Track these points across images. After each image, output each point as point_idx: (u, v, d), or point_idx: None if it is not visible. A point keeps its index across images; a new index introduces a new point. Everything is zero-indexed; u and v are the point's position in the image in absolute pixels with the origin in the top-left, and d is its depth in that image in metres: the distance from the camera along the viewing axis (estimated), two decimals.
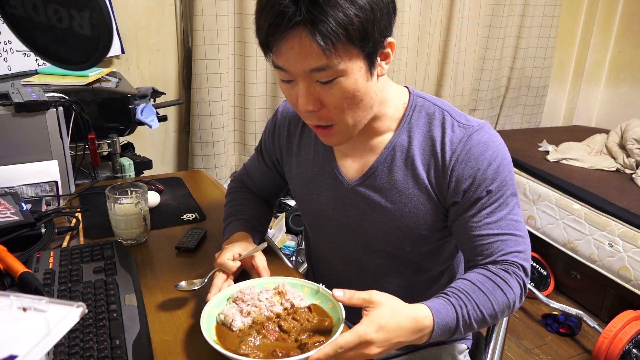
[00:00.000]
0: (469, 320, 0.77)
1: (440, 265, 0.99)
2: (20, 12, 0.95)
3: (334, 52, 0.70)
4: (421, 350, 1.02)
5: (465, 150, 0.82)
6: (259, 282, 0.86)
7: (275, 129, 1.04)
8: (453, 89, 2.87)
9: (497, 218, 0.83)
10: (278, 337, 0.74)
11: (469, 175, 0.82)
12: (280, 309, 0.80)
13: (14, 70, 1.72)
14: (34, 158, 1.18)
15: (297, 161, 1.00)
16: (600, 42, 3.27)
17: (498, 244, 0.82)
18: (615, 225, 2.08)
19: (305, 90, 0.75)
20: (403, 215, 0.88)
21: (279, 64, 0.75)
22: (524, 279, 0.83)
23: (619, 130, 2.64)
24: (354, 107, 0.78)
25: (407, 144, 0.87)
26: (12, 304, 0.51)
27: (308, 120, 0.81)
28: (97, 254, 0.96)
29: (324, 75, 0.73)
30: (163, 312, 0.84)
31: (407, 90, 0.91)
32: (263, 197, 1.13)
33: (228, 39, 2.20)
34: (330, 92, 0.75)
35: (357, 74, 0.75)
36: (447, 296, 0.78)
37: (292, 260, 2.26)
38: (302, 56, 0.71)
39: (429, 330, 0.74)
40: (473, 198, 0.83)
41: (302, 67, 0.73)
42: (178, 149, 2.42)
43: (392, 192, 0.88)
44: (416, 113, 0.88)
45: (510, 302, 0.81)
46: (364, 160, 0.91)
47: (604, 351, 1.80)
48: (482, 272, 0.82)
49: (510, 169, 0.85)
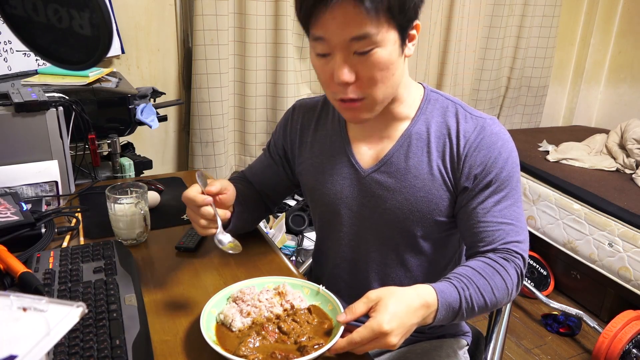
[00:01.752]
0: (471, 303, 0.79)
1: (445, 258, 1.00)
2: (20, 12, 0.95)
3: (375, 21, 0.75)
4: (422, 343, 1.03)
5: (479, 139, 0.88)
6: (259, 282, 0.87)
7: (288, 123, 1.07)
8: (453, 89, 2.87)
9: (502, 207, 0.87)
10: (277, 338, 0.74)
11: (480, 162, 0.87)
12: (280, 310, 0.80)
13: (14, 70, 1.72)
14: (34, 158, 1.18)
15: (310, 152, 1.02)
16: (600, 42, 3.27)
17: (500, 232, 0.86)
18: (615, 225, 2.08)
19: (342, 61, 0.79)
20: (417, 199, 0.91)
21: (319, 35, 0.79)
22: (521, 268, 0.86)
23: (619, 130, 2.64)
24: (386, 80, 0.82)
25: (422, 132, 0.92)
26: (12, 304, 0.51)
27: (339, 94, 0.83)
28: (97, 254, 0.96)
29: (363, 44, 0.77)
30: (163, 312, 0.84)
31: (421, 86, 0.97)
32: (263, 192, 1.12)
33: (228, 39, 2.20)
34: (366, 63, 0.79)
35: (392, 47, 0.79)
36: (449, 279, 0.81)
37: (292, 260, 2.26)
38: (345, 25, 0.76)
39: (434, 308, 0.76)
40: (482, 184, 0.87)
41: (343, 35, 0.77)
42: (178, 149, 2.42)
43: (407, 176, 0.91)
44: (431, 105, 0.94)
45: (509, 289, 0.84)
46: (380, 147, 0.95)
47: (604, 351, 1.80)
48: (482, 260, 0.85)
49: (517, 163, 0.90)
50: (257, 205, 1.09)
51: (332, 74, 0.81)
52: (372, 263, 0.99)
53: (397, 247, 0.96)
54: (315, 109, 1.04)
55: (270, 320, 0.78)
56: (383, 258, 0.98)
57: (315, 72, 0.87)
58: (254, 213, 1.07)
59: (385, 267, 0.99)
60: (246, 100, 2.35)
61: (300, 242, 2.35)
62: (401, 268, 0.98)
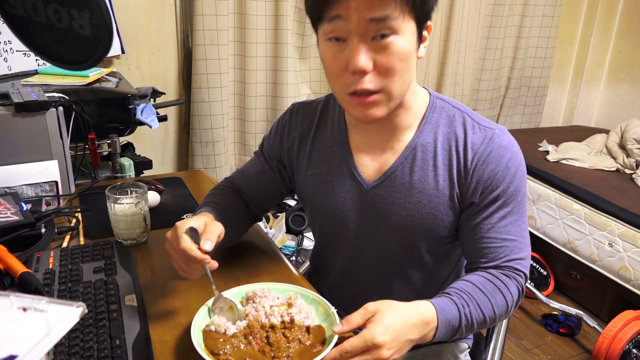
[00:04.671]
0: (471, 320, 0.78)
1: (447, 269, 0.99)
2: (20, 12, 0.95)
3: (399, 5, 0.72)
4: (422, 348, 1.02)
5: (487, 152, 0.84)
6: (277, 286, 0.84)
7: (285, 129, 1.01)
8: (453, 89, 2.87)
9: (507, 222, 0.84)
10: (260, 348, 0.72)
11: (488, 177, 0.84)
12: (277, 321, 0.76)
13: (14, 70, 1.72)
14: (34, 158, 1.18)
15: (308, 162, 0.97)
16: (600, 42, 3.27)
17: (503, 249, 0.84)
18: (615, 225, 2.08)
19: (359, 46, 0.74)
20: (422, 215, 0.87)
21: (337, 13, 0.73)
22: (522, 285, 0.85)
23: (619, 130, 2.64)
24: (404, 74, 0.78)
25: (428, 144, 0.87)
26: (12, 304, 0.51)
27: (353, 86, 0.77)
28: (97, 254, 0.96)
29: (383, 27, 0.73)
30: (163, 312, 0.84)
31: (426, 91, 0.91)
32: (254, 199, 1.05)
33: (228, 39, 2.20)
34: (385, 51, 0.75)
35: (410, 38, 0.76)
36: (449, 295, 0.79)
37: (292, 260, 2.26)
38: (366, 3, 0.71)
39: (434, 325, 0.74)
40: (489, 199, 0.84)
41: (364, 14, 0.72)
42: (178, 149, 2.42)
43: (412, 192, 0.87)
44: (436, 114, 0.89)
45: (509, 306, 0.82)
46: (384, 159, 0.90)
47: (604, 351, 1.80)
48: (483, 275, 0.83)
49: (525, 176, 0.87)
50: (244, 221, 1.04)
51: (346, 62, 0.76)
52: (373, 275, 0.98)
53: (400, 261, 0.94)
54: (314, 115, 0.98)
55: (264, 327, 0.75)
56: (385, 270, 0.96)
57: (324, 64, 0.81)
58: (239, 230, 1.03)
59: (386, 280, 0.97)
60: (246, 100, 2.35)
61: (300, 242, 2.35)
62: (402, 281, 0.96)
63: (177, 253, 0.79)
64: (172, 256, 0.81)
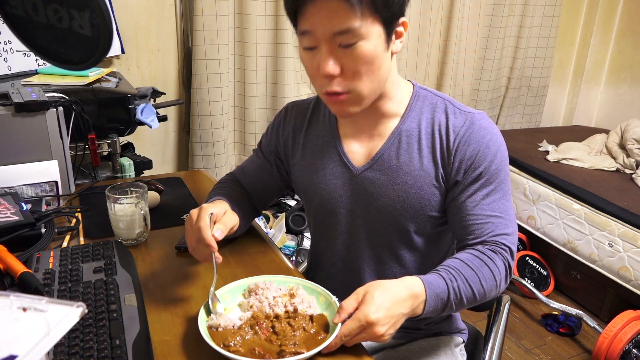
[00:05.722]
0: (459, 294, 0.81)
1: (439, 253, 1.01)
2: (20, 12, 0.95)
3: (359, 15, 0.77)
4: (419, 341, 1.04)
5: (468, 133, 0.89)
6: (277, 279, 0.87)
7: (280, 124, 1.08)
8: (453, 89, 2.87)
9: (491, 200, 0.88)
10: (267, 337, 0.74)
11: (470, 156, 0.88)
12: (281, 311, 0.79)
13: (14, 70, 1.72)
14: (34, 158, 1.18)
15: (302, 153, 1.03)
16: (600, 42, 3.28)
17: (489, 225, 0.87)
18: (615, 225, 2.08)
19: (327, 53, 0.81)
20: (409, 195, 0.92)
21: (305, 29, 0.81)
22: (509, 260, 0.87)
23: (619, 130, 2.64)
24: (371, 75, 0.84)
25: (412, 129, 0.93)
26: (12, 304, 0.51)
27: (325, 87, 0.85)
28: (97, 254, 0.96)
29: (347, 37, 0.79)
30: (163, 312, 0.84)
31: (410, 83, 0.98)
32: (254, 194, 1.11)
33: (228, 39, 2.20)
34: (351, 56, 0.81)
35: (377, 41, 0.81)
36: (437, 271, 0.82)
37: (292, 260, 2.26)
38: (329, 19, 0.78)
39: (423, 299, 0.78)
40: (472, 177, 0.88)
41: (328, 29, 0.79)
42: (178, 149, 2.42)
43: (399, 173, 0.92)
44: (420, 102, 0.95)
45: (497, 280, 0.85)
46: (372, 145, 0.96)
47: (604, 351, 1.80)
48: (470, 252, 0.86)
49: (506, 157, 0.91)
50: (250, 214, 1.10)
51: (319, 67, 0.83)
52: (367, 260, 1.00)
53: (391, 244, 0.98)
54: (307, 110, 1.05)
55: (269, 317, 0.78)
56: (378, 255, 0.99)
57: (303, 65, 0.88)
58: (246, 221, 1.07)
59: (380, 264, 1.00)
60: (246, 100, 2.35)
61: (300, 242, 2.35)
62: (396, 264, 0.99)
63: (192, 229, 0.85)
64: (187, 231, 0.88)
